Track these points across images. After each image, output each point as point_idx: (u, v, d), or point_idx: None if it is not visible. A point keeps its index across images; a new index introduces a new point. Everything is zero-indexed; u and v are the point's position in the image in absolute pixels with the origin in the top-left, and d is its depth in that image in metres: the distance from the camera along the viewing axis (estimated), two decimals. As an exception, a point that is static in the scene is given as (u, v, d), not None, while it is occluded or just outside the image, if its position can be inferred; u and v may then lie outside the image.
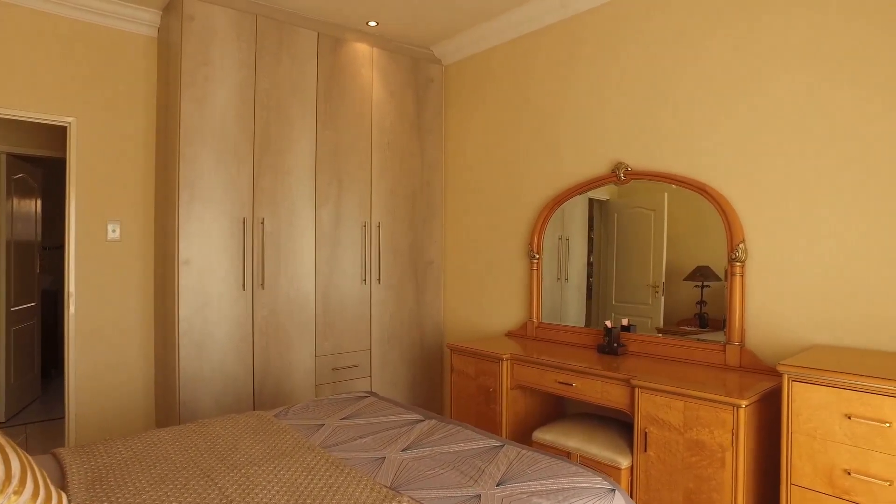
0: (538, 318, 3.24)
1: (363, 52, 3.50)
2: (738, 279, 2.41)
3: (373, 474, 1.71)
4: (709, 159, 2.54)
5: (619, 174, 2.84)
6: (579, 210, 3.10)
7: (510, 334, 3.38)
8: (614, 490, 1.64)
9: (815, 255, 2.23)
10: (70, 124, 3.07)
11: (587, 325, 3.04)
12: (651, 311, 2.76)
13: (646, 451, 2.16)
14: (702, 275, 2.56)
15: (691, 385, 2.09)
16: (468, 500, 1.53)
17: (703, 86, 2.57)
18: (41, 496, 1.27)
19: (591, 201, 3.06)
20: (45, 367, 5.36)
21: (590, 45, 3.03)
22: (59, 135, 4.27)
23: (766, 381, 2.14)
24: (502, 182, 3.54)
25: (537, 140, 3.32)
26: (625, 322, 2.80)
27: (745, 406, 1.90)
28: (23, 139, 4.18)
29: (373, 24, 3.47)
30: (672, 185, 2.65)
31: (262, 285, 3.09)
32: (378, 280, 3.59)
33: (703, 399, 1.99)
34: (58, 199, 5.79)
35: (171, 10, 3.02)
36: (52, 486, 1.37)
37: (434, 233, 3.89)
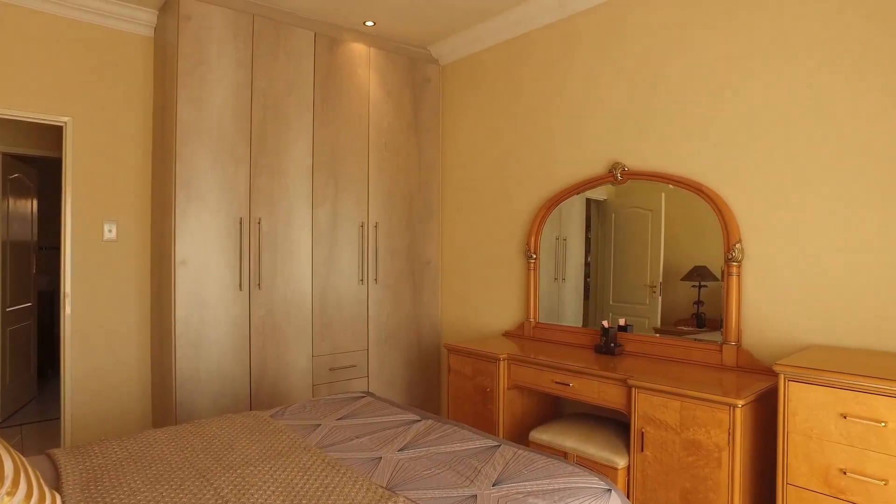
0: (535, 318, 3.24)
1: (360, 51, 3.50)
2: (734, 279, 2.41)
3: (369, 474, 1.71)
4: (705, 159, 2.54)
5: (616, 174, 2.84)
6: (577, 210, 3.10)
7: (507, 334, 3.38)
8: (610, 490, 1.64)
9: (811, 256, 2.23)
10: (66, 124, 3.06)
11: (584, 325, 3.04)
12: (648, 311, 2.76)
13: (642, 450, 2.15)
14: (699, 275, 2.57)
15: (688, 385, 2.09)
16: (464, 500, 1.53)
17: (699, 86, 2.57)
18: (35, 497, 1.26)
19: (588, 201, 3.06)
20: (41, 368, 5.34)
21: (586, 45, 3.03)
22: (55, 134, 4.26)
23: (763, 381, 2.14)
24: (499, 182, 3.54)
25: (535, 140, 3.32)
26: (622, 322, 2.80)
27: (742, 406, 1.90)
28: (19, 139, 4.17)
29: (370, 24, 3.46)
30: (669, 186, 2.65)
31: (259, 285, 3.09)
32: (375, 280, 3.59)
33: (700, 399, 1.99)
34: (54, 199, 5.77)
35: (168, 9, 3.01)
36: (45, 486, 1.37)
37: (431, 233, 3.89)
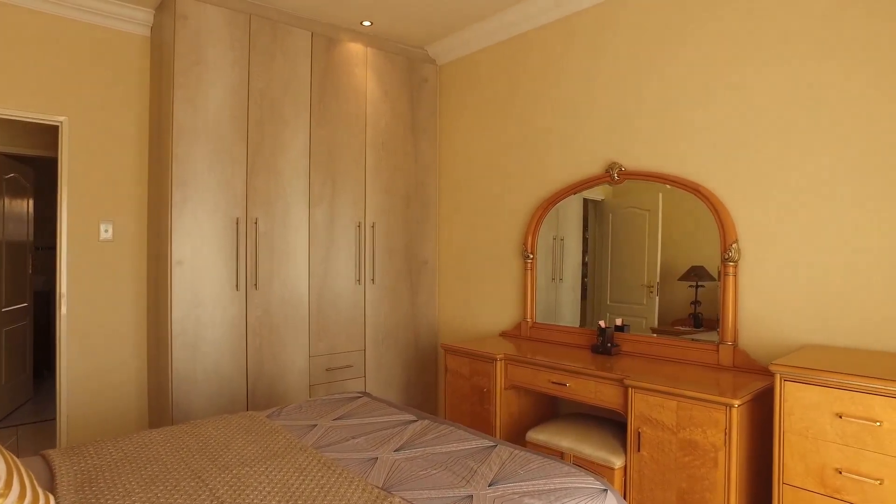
0: (532, 318, 3.24)
1: (357, 51, 3.50)
2: (730, 279, 2.41)
3: (365, 475, 1.71)
4: (701, 159, 2.55)
5: (612, 174, 2.84)
6: (574, 210, 3.11)
7: (504, 334, 3.38)
8: (606, 490, 1.64)
9: (807, 256, 2.23)
10: (62, 123, 3.05)
11: (582, 325, 3.04)
12: (646, 311, 2.76)
13: (639, 450, 2.16)
14: (696, 275, 2.57)
15: (684, 385, 2.09)
16: (460, 500, 1.53)
17: (696, 85, 2.57)
18: (28, 498, 1.25)
19: (585, 201, 3.06)
20: (37, 368, 5.32)
21: (583, 45, 3.03)
22: (51, 134, 4.25)
23: (759, 381, 2.14)
24: (496, 182, 3.54)
25: (532, 140, 3.32)
26: (619, 322, 2.81)
27: (738, 406, 1.90)
28: (15, 139, 4.16)
29: (367, 23, 3.46)
30: (666, 186, 2.66)
31: (256, 286, 3.08)
32: (372, 280, 3.58)
33: (696, 399, 1.99)
34: (50, 199, 5.75)
35: (165, 9, 3.00)
36: (39, 488, 1.36)
37: (428, 233, 3.89)
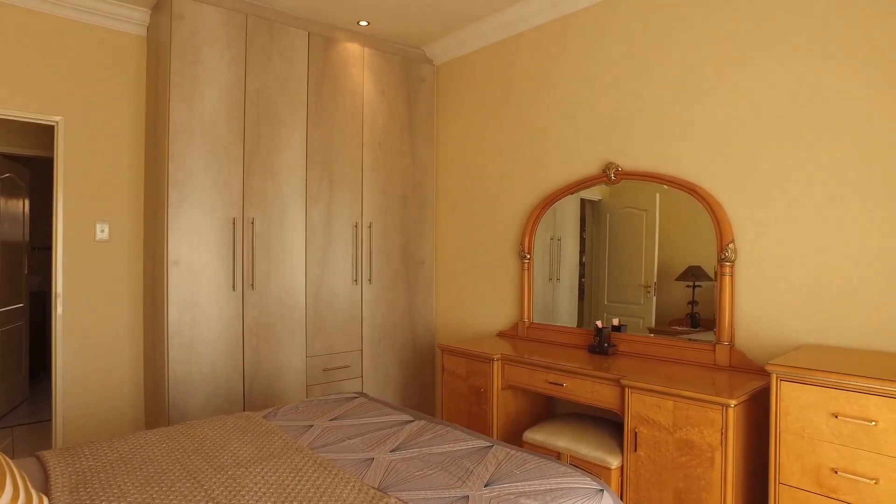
0: (529, 318, 3.24)
1: (354, 51, 3.49)
2: (727, 279, 2.41)
3: (361, 475, 1.70)
4: (698, 159, 2.55)
5: (609, 174, 2.84)
6: (571, 210, 3.11)
7: (501, 334, 3.38)
8: (602, 490, 1.64)
9: (804, 255, 2.23)
10: (57, 123, 3.04)
11: (579, 325, 3.04)
12: (643, 310, 2.76)
13: (636, 450, 2.16)
14: (693, 275, 2.57)
15: (681, 385, 2.09)
16: (456, 500, 1.53)
17: (692, 85, 2.57)
18: (21, 499, 1.25)
19: (583, 201, 3.06)
20: (33, 369, 5.31)
21: (579, 45, 3.03)
22: (47, 134, 4.24)
23: (755, 381, 2.15)
24: (493, 182, 3.53)
25: (528, 140, 3.32)
26: (616, 322, 2.81)
27: (734, 406, 1.90)
28: (11, 138, 4.15)
29: (364, 23, 3.46)
30: (663, 186, 2.66)
31: (253, 286, 3.07)
32: (369, 280, 3.58)
33: (693, 399, 1.99)
34: (46, 199, 5.74)
35: (161, 8, 2.99)
36: (32, 489, 1.35)
37: (425, 233, 3.89)
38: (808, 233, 2.22)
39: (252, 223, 3.07)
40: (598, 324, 2.75)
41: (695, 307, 2.57)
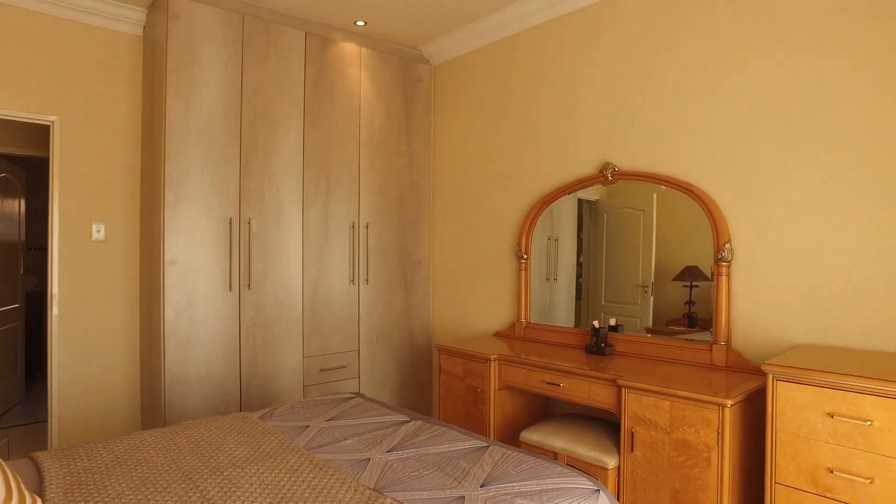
0: (526, 318, 3.23)
1: (351, 51, 3.49)
2: (724, 279, 2.41)
3: (357, 476, 1.70)
4: (695, 159, 2.55)
5: (606, 174, 2.84)
6: (569, 210, 3.10)
7: (498, 335, 3.38)
8: (599, 490, 1.63)
9: (804, 255, 2.23)
10: (53, 123, 3.03)
11: (576, 326, 3.04)
12: (640, 311, 2.76)
13: (632, 451, 2.15)
14: (690, 275, 2.57)
15: (678, 385, 2.09)
16: (452, 501, 1.52)
17: (688, 86, 2.57)
18: (14, 501, 1.24)
19: (580, 201, 3.06)
20: (29, 370, 5.29)
21: (576, 45, 3.03)
22: (42, 134, 4.22)
23: (752, 381, 2.15)
24: (490, 182, 3.53)
25: (525, 140, 3.31)
26: (613, 322, 2.81)
27: (731, 406, 1.91)
28: (6, 138, 4.13)
29: (361, 23, 3.45)
30: (660, 186, 2.66)
31: (249, 286, 3.07)
32: (366, 280, 3.57)
33: (689, 399, 1.99)
34: (43, 200, 5.72)
35: (157, 8, 2.99)
36: (26, 490, 1.35)
37: (422, 233, 3.88)
38: (807, 233, 2.22)
39: (249, 223, 3.06)
40: (596, 324, 2.75)
41: (692, 307, 2.57)
